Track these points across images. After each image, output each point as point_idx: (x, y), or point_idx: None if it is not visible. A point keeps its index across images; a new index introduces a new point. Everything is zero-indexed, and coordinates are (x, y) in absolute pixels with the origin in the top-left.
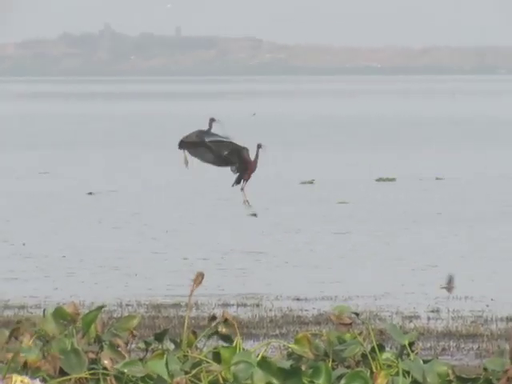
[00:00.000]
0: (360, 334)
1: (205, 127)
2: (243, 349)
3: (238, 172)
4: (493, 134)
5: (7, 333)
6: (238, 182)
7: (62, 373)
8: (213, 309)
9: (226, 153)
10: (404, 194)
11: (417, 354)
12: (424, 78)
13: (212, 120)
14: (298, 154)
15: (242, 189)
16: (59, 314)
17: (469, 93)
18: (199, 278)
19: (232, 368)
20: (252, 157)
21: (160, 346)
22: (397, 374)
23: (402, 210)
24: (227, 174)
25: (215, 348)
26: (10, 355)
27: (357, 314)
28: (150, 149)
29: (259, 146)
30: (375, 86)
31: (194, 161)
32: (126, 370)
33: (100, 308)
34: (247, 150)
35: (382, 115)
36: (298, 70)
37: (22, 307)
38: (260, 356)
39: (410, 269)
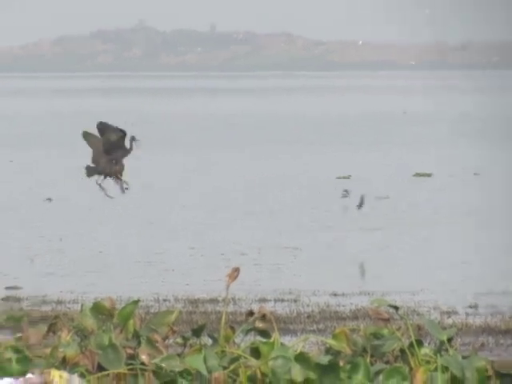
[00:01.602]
0: (398, 329)
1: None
2: (281, 344)
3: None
4: None
5: (45, 328)
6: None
7: (100, 368)
8: (250, 304)
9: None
10: (441, 189)
11: (455, 349)
12: (459, 74)
13: (133, 139)
14: (334, 150)
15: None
16: (97, 309)
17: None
18: (235, 273)
19: (270, 363)
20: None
21: (198, 341)
22: (435, 369)
23: (439, 206)
24: (265, 174)
25: (253, 343)
26: (48, 350)
27: (396, 308)
28: (181, 145)
29: (133, 139)
30: (409, 82)
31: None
32: (164, 365)
33: (136, 302)
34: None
35: (418, 111)
36: (333, 66)
37: (60, 302)
38: (298, 351)
39: (449, 264)
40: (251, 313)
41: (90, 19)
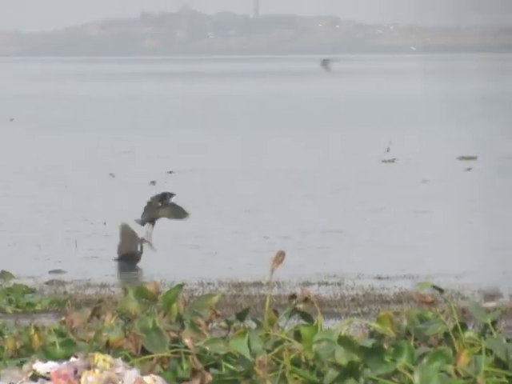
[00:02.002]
0: (442, 312)
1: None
2: (325, 327)
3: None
4: None
5: (89, 312)
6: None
7: (144, 352)
8: (294, 287)
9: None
10: (485, 172)
11: (500, 332)
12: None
13: (170, 195)
14: (379, 133)
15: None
16: (141, 293)
17: None
18: (280, 257)
19: (314, 346)
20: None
21: (242, 325)
22: (480, 352)
23: (484, 189)
24: (309, 156)
25: (296, 327)
26: (91, 334)
27: (441, 290)
28: (229, 128)
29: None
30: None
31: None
32: (208, 348)
33: (180, 286)
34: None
35: (463, 92)
36: (376, 49)
37: (104, 286)
38: (342, 334)
39: (492, 248)
40: (294, 296)
41: (135, 2)
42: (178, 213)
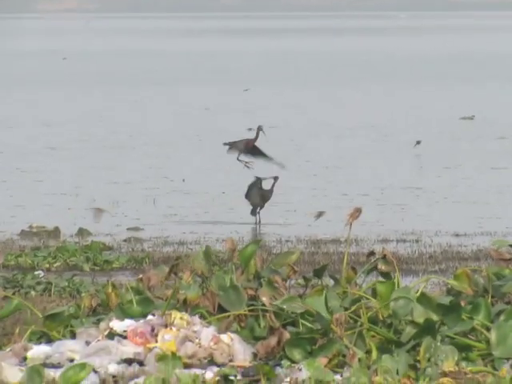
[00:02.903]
0: None
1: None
2: (402, 285)
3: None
4: None
5: (167, 269)
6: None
7: (221, 309)
8: (372, 245)
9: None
10: None
11: None
12: None
13: (259, 128)
14: (459, 89)
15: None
16: (209, 254)
17: None
18: (356, 213)
19: (391, 304)
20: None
21: (319, 282)
22: None
23: None
24: (390, 115)
25: (374, 284)
26: (169, 292)
27: None
28: (310, 86)
29: (260, 128)
30: None
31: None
32: (285, 307)
33: (257, 242)
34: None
35: None
36: (458, 5)
37: (182, 243)
38: (419, 292)
39: None
40: (372, 253)
41: None
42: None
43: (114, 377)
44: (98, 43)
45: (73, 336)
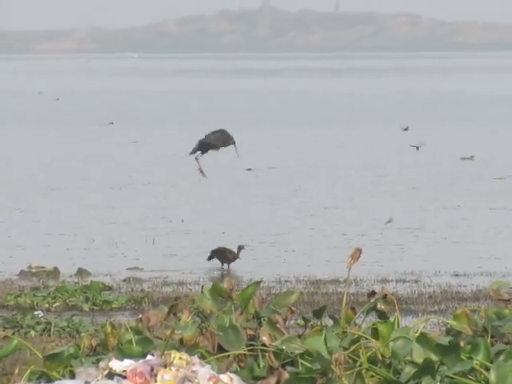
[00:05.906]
0: None
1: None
2: (401, 325)
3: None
4: None
5: (166, 309)
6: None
7: (221, 349)
8: (371, 285)
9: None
10: None
11: None
12: None
13: (240, 248)
14: (458, 130)
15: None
16: (216, 291)
17: None
18: (357, 254)
19: (391, 344)
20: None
21: (319, 323)
22: None
23: None
24: (388, 155)
25: (373, 324)
26: (168, 332)
27: None
28: (309, 126)
29: (240, 248)
30: None
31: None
32: (284, 347)
33: (257, 283)
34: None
35: None
36: (457, 47)
37: (181, 284)
38: (419, 332)
39: None
40: (373, 293)
41: None
42: (225, 139)
43: None
44: (96, 83)
45: (72, 376)
